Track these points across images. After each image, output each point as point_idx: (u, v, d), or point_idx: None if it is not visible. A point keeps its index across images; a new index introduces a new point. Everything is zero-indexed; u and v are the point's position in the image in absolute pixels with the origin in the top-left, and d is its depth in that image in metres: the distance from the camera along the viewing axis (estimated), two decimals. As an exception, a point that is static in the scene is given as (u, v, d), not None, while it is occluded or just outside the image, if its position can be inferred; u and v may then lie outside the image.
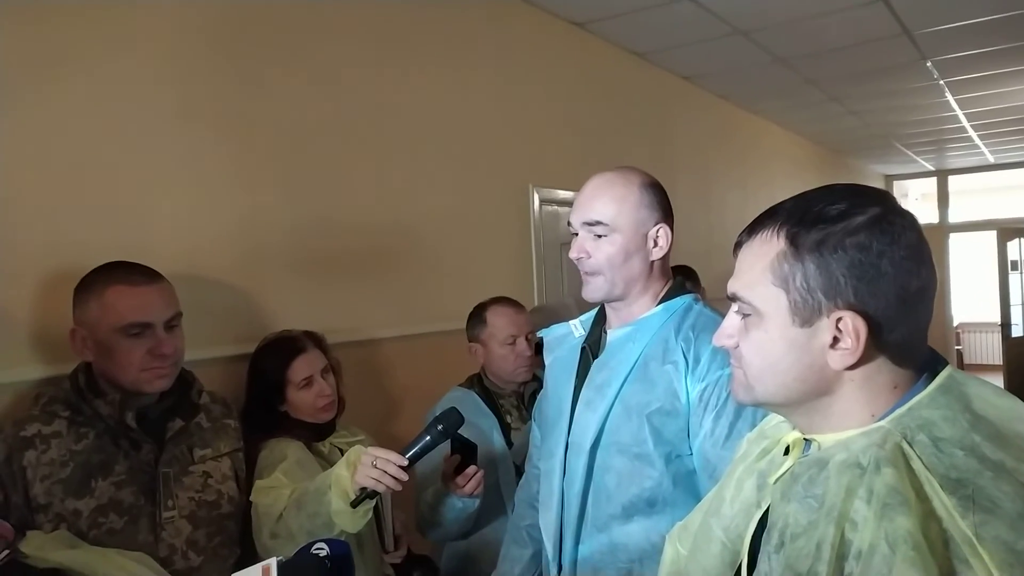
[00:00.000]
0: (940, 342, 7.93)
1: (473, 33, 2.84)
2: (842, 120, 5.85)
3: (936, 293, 0.78)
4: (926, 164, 8.44)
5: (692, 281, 2.89)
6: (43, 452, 1.36)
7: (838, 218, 0.75)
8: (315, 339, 1.80)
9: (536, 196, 3.15)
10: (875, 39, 3.80)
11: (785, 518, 0.77)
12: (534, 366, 2.02)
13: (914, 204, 9.50)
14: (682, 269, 2.73)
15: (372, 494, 1.40)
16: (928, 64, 4.33)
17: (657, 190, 1.35)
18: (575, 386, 1.39)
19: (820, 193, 0.79)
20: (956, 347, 9.66)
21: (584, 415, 1.33)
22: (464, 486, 1.68)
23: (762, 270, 0.79)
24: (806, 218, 0.77)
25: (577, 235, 1.35)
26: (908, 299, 0.75)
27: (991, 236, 7.81)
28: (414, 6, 2.53)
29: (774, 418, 0.93)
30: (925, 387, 0.76)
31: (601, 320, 1.44)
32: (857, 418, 0.77)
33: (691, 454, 1.27)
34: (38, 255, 1.57)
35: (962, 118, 5.88)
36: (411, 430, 1.57)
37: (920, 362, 0.79)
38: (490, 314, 2.06)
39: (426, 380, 2.30)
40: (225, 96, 1.95)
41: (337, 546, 1.11)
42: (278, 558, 1.03)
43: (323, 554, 1.09)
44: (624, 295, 1.35)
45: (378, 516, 1.66)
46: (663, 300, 1.35)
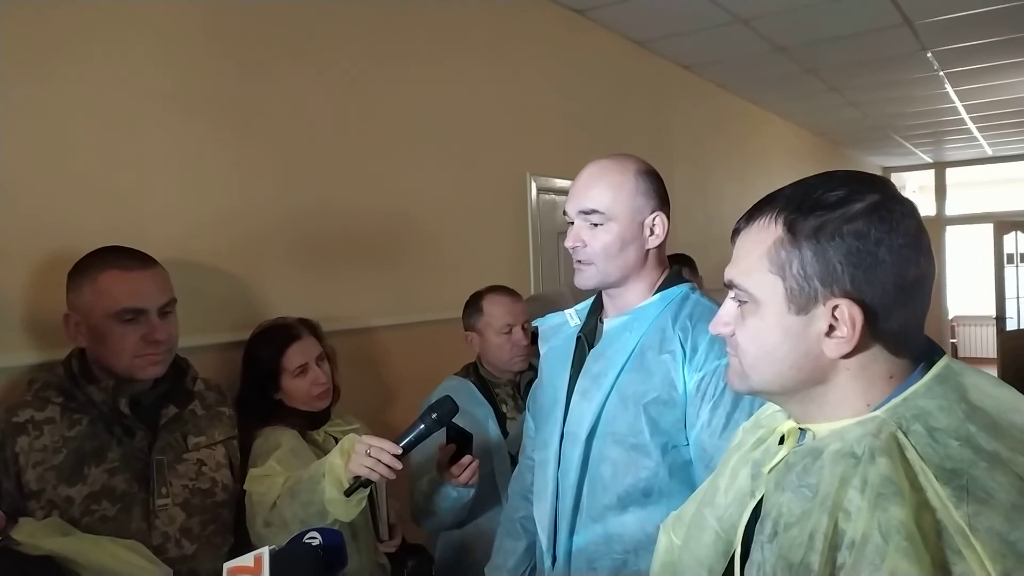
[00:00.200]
0: (935, 335, 7.74)
1: (471, 20, 2.82)
2: (841, 111, 5.84)
3: (934, 283, 0.78)
4: (924, 156, 8.43)
5: (690, 269, 2.88)
6: (36, 438, 1.36)
7: (836, 205, 0.74)
8: (310, 327, 1.80)
9: (533, 185, 3.14)
10: (876, 29, 3.79)
11: (779, 507, 0.77)
12: (530, 355, 2.01)
13: (911, 197, 9.45)
14: (679, 257, 2.72)
15: (366, 483, 1.40)
16: (928, 55, 4.31)
17: (653, 177, 1.33)
18: (571, 376, 1.38)
19: (819, 180, 0.78)
20: (951, 340, 9.68)
21: (580, 405, 1.32)
22: (459, 475, 1.67)
23: (759, 257, 0.78)
24: (804, 205, 0.76)
25: (573, 224, 1.34)
26: (905, 288, 0.74)
27: (987, 229, 7.79)
28: (411, -8, 2.52)
29: (770, 407, 0.93)
30: (921, 377, 0.76)
31: (597, 309, 1.43)
32: (852, 407, 0.77)
33: (687, 444, 1.26)
34: (31, 239, 1.56)
35: (961, 110, 5.86)
36: (406, 419, 1.57)
37: (917, 352, 0.78)
38: (486, 303, 2.05)
39: (422, 369, 2.30)
40: (221, 82, 1.93)
41: (330, 535, 1.11)
42: (270, 547, 1.02)
43: (316, 543, 1.09)
44: (619, 283, 1.33)
45: (372, 505, 1.65)
46: (660, 289, 1.33)
